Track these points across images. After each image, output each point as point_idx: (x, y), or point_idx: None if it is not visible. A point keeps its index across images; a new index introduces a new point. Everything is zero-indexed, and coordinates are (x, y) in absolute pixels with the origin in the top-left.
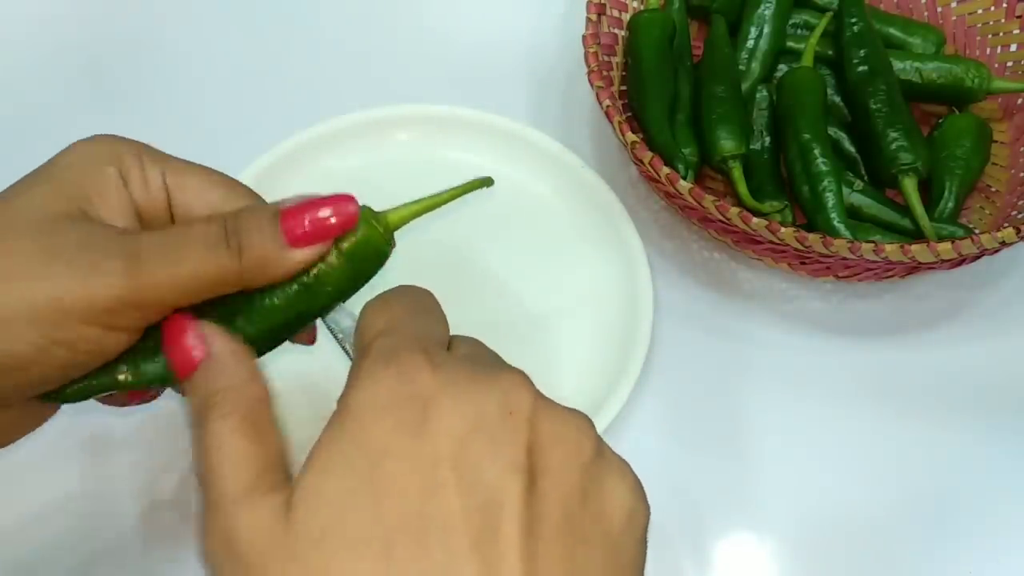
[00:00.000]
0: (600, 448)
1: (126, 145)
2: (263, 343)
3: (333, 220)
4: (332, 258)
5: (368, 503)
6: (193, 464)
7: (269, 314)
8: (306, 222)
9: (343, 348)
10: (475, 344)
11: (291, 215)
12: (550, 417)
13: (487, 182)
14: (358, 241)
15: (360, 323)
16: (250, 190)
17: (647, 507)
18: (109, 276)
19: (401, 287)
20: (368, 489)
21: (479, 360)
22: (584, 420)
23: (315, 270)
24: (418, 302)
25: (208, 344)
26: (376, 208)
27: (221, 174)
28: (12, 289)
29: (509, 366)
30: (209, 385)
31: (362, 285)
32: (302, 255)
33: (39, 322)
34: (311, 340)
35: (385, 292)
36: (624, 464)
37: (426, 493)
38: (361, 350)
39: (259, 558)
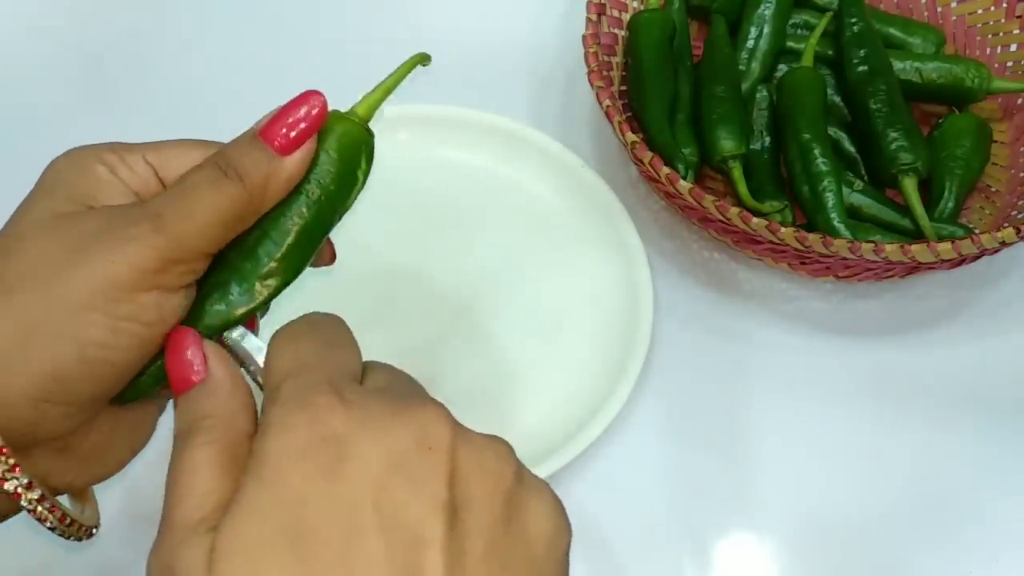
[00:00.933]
0: (520, 473)
1: (99, 146)
2: (290, 266)
3: (308, 115)
4: (324, 162)
5: (288, 553)
6: (165, 478)
7: (289, 234)
8: (284, 129)
9: (252, 378)
10: (389, 373)
11: (269, 128)
12: (469, 447)
13: (424, 59)
14: (340, 135)
15: (268, 362)
16: (221, 143)
17: (569, 527)
18: (142, 240)
19: (307, 317)
20: (288, 539)
21: (394, 391)
22: (504, 447)
23: (314, 178)
24: (326, 334)
25: (209, 366)
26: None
27: (193, 140)
28: (63, 283)
29: (425, 396)
30: (200, 408)
31: (362, 181)
32: (294, 159)
33: (101, 304)
34: (332, 258)
35: (291, 324)
36: (544, 486)
37: (348, 538)
38: (270, 393)
39: None
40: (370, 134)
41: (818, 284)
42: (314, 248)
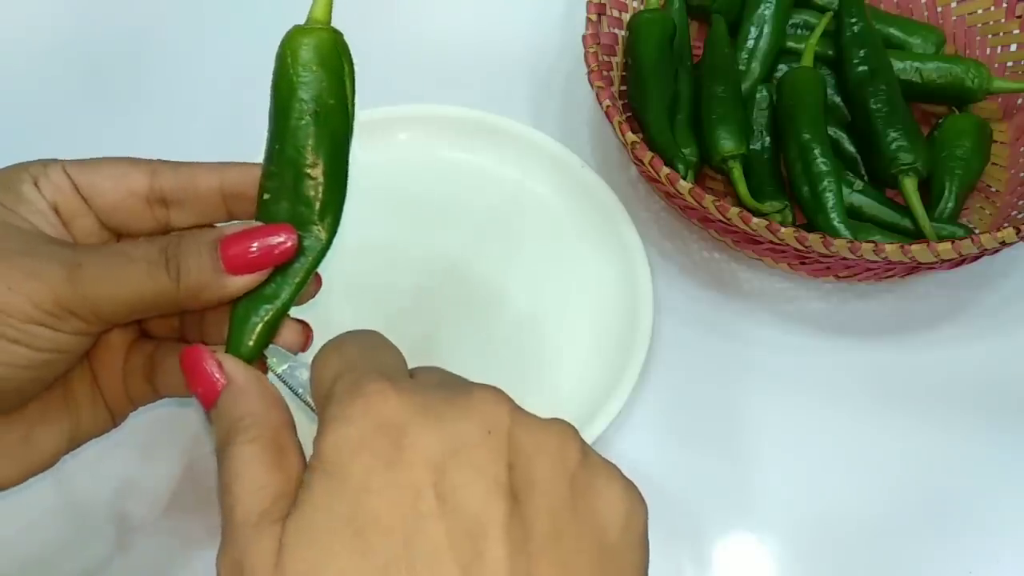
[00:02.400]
0: (585, 454)
1: (30, 165)
2: (336, 195)
3: (274, 248)
4: (312, 80)
5: (353, 542)
6: (217, 489)
7: (318, 164)
8: (245, 250)
9: (305, 403)
10: (439, 371)
11: (231, 243)
12: (530, 430)
13: None
14: (316, 47)
15: (314, 374)
16: (151, 161)
17: (644, 507)
18: (50, 281)
19: (346, 333)
20: (352, 528)
21: (447, 383)
22: (567, 428)
23: (311, 99)
24: (367, 340)
25: (227, 370)
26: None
27: (122, 158)
28: None
29: (480, 384)
30: (234, 411)
31: (351, 82)
32: (238, 283)
33: None
34: (317, 287)
35: (331, 341)
36: (612, 468)
37: (410, 525)
38: (323, 398)
39: None
40: (338, 33)
41: (818, 284)
42: (344, 164)
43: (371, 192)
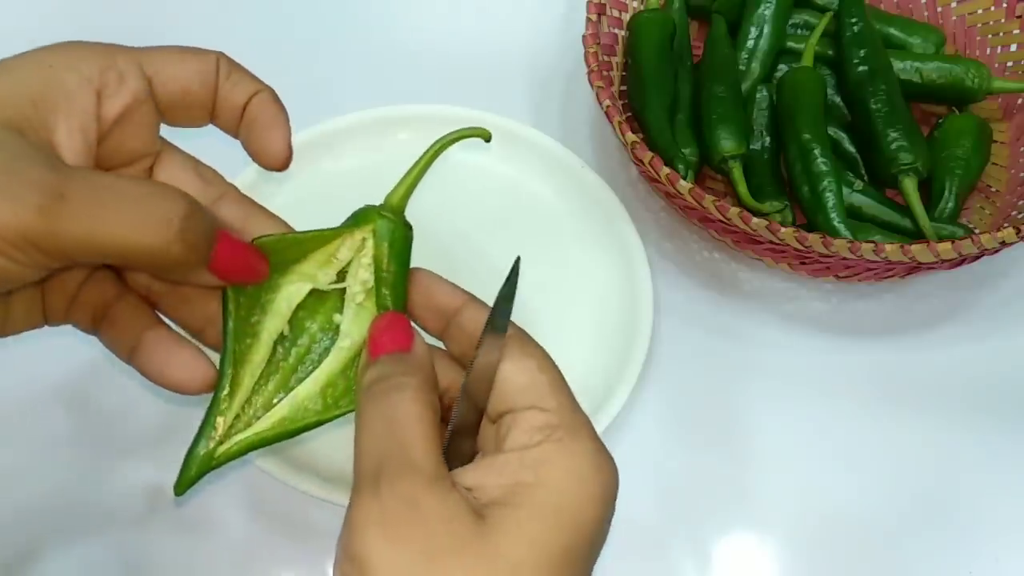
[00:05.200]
0: None
1: (96, 51)
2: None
3: (248, 271)
4: (387, 267)
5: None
6: (358, 437)
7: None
8: (234, 259)
9: None
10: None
11: (228, 246)
12: None
13: (483, 133)
14: (391, 242)
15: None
16: (214, 54)
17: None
18: (18, 210)
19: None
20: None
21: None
22: None
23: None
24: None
25: (413, 340)
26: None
27: (190, 49)
28: None
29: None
30: (405, 367)
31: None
32: (209, 279)
33: None
34: (285, 163)
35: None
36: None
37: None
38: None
39: (452, 542)
40: (409, 229)
41: (818, 284)
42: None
43: (371, 192)
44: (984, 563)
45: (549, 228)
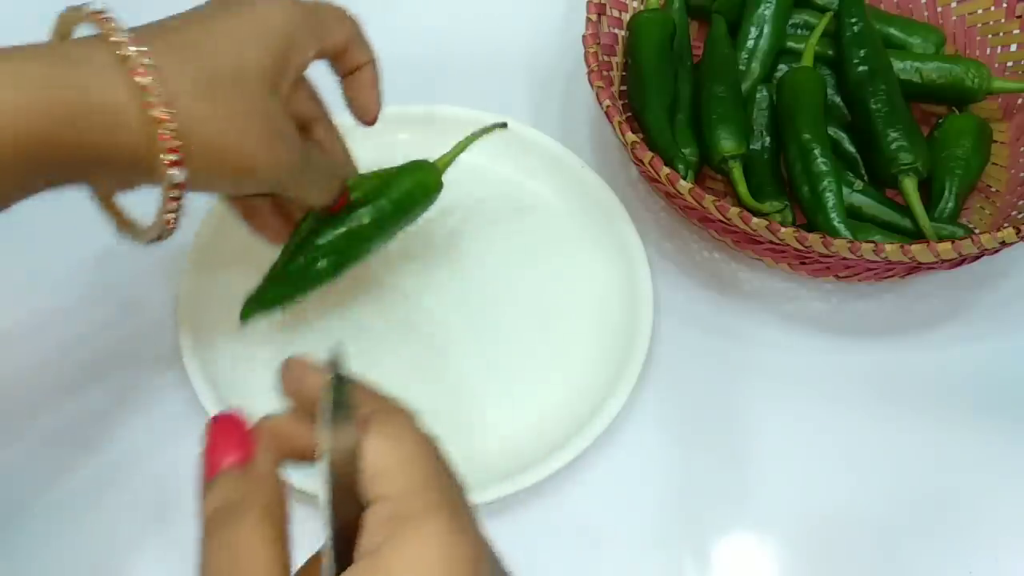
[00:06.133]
0: None
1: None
2: (343, 261)
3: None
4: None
5: None
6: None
7: (350, 241)
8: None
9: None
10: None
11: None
12: None
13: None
14: (416, 182)
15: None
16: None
17: None
18: (284, 159)
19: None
20: None
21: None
22: None
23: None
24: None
25: (254, 448)
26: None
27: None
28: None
29: None
30: (246, 486)
31: (416, 215)
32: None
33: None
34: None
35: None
36: None
37: None
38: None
39: None
40: (439, 187)
41: (818, 284)
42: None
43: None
44: (984, 563)
45: (549, 228)
